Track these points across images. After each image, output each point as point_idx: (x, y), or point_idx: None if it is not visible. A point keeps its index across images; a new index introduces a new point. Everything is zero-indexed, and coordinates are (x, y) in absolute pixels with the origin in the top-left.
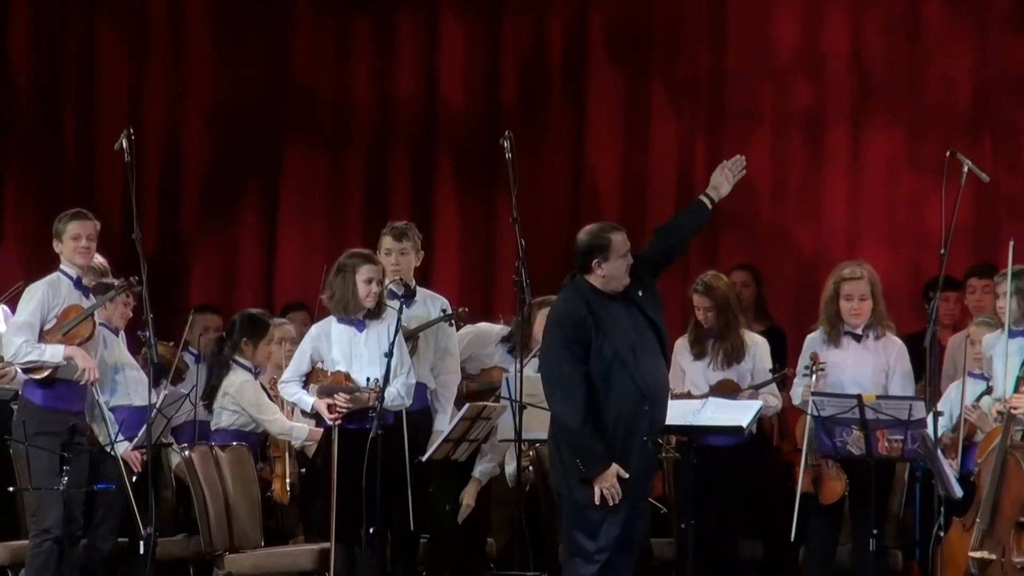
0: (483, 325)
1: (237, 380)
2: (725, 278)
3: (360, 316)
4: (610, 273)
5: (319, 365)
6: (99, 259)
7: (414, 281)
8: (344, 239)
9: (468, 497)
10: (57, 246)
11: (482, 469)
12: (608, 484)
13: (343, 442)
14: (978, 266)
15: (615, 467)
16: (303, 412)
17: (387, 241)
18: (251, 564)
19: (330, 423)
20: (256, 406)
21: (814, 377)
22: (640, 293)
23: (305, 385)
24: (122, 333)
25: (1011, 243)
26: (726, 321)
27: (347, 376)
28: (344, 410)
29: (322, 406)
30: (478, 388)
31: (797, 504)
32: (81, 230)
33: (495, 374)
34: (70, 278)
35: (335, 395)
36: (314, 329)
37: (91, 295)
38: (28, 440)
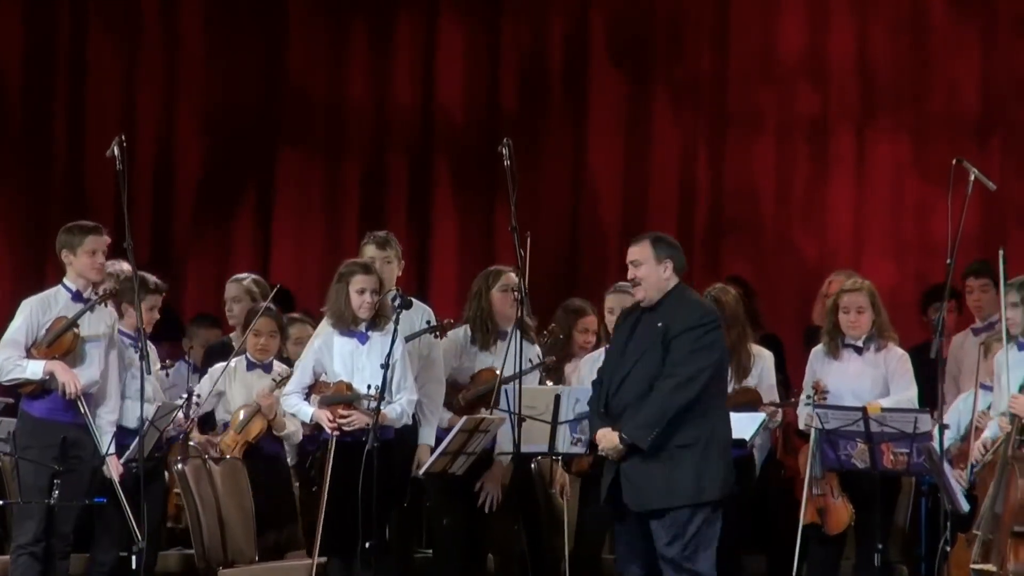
0: (448, 336)
1: None
2: (733, 291)
3: (362, 328)
4: None
5: (322, 378)
6: (126, 266)
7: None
8: (340, 247)
9: (491, 481)
10: (67, 257)
11: (503, 450)
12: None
13: (340, 455)
14: (972, 265)
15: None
16: (303, 423)
17: (370, 249)
18: None
19: (330, 433)
20: None
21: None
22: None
23: (307, 396)
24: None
25: (1000, 252)
26: (737, 336)
27: (348, 386)
28: (347, 427)
29: (322, 416)
30: (474, 396)
31: (799, 538)
32: (98, 245)
33: (485, 376)
34: (70, 291)
35: (338, 411)
36: (316, 341)
37: (94, 308)
38: (17, 453)
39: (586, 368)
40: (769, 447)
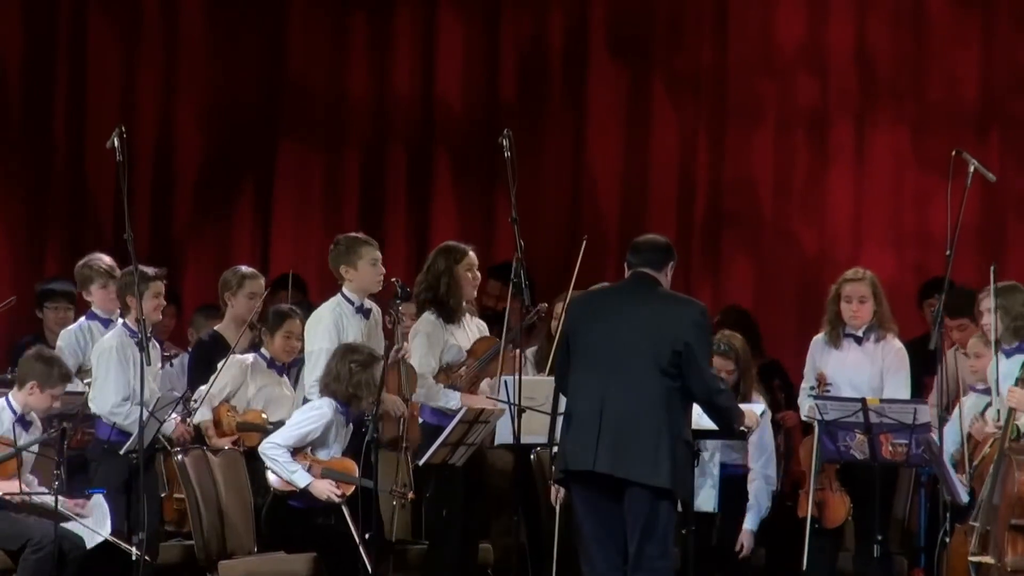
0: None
1: None
2: (740, 337)
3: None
4: None
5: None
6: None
7: None
8: None
9: None
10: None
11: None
12: None
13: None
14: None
15: None
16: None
17: (374, 252)
18: (244, 570)
19: (338, 501)
20: None
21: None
22: None
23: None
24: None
25: (992, 268)
26: (746, 386)
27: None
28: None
29: (326, 488)
30: (479, 366)
31: (808, 533)
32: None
33: (484, 344)
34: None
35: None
36: (328, 412)
37: (28, 430)
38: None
39: None
40: None
